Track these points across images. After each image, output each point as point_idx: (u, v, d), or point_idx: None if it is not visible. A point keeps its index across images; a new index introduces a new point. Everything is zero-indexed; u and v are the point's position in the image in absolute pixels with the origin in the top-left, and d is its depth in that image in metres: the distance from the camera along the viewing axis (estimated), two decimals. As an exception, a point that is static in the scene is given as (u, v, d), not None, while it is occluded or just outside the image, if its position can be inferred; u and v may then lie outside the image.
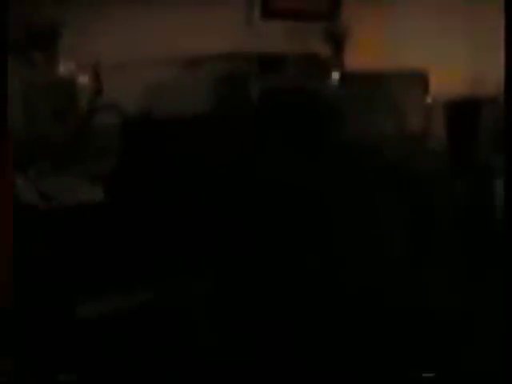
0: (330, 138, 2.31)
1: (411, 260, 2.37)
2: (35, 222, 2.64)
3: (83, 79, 3.84)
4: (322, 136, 2.32)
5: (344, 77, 4.32)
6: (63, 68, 3.83)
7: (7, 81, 2.33)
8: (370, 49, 4.58)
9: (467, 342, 2.39)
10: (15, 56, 3.74)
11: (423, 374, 2.17)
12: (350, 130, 2.66)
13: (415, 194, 2.45)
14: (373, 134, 3.46)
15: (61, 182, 3.01)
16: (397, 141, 3.75)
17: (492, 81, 4.53)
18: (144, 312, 2.41)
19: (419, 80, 4.42)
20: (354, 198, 2.21)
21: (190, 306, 2.42)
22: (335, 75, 4.38)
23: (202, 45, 3.98)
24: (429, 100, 4.30)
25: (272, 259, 2.22)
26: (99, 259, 2.56)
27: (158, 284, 2.47)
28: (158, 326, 2.38)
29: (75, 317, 2.37)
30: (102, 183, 2.91)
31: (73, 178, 3.06)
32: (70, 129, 3.54)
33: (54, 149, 3.38)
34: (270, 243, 2.22)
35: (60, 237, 2.60)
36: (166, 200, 2.65)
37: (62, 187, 2.91)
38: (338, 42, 4.64)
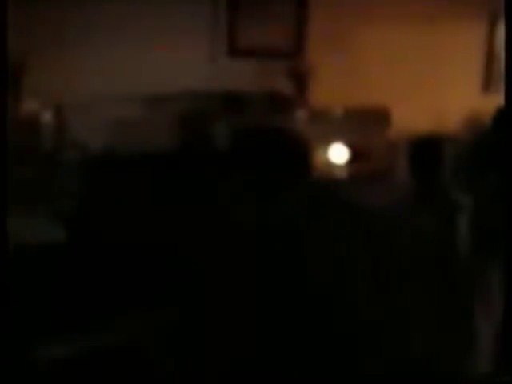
0: (298, 178, 2.31)
1: (375, 298, 2.37)
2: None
3: (46, 117, 3.82)
4: (289, 177, 2.33)
5: (309, 115, 4.35)
6: (27, 105, 3.81)
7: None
8: (334, 86, 4.63)
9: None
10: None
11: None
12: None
13: (378, 233, 2.46)
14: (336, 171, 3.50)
15: (22, 221, 2.97)
16: (360, 177, 3.79)
17: (454, 117, 4.61)
18: (106, 352, 2.38)
19: (382, 117, 4.47)
20: (319, 238, 2.22)
21: (152, 345, 2.40)
22: (299, 113, 4.41)
23: (166, 83, 3.99)
24: (391, 136, 4.35)
25: (236, 298, 2.21)
26: (60, 299, 2.53)
27: (119, 323, 2.44)
28: (121, 366, 2.36)
29: (35, 359, 2.33)
30: (64, 222, 2.88)
31: (35, 217, 3.03)
32: (33, 167, 3.51)
33: (16, 187, 3.34)
34: (235, 282, 2.22)
35: (20, 277, 2.57)
36: (127, 239, 2.63)
37: (24, 226, 2.88)
38: (301, 79, 4.68)
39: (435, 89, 4.90)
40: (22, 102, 3.83)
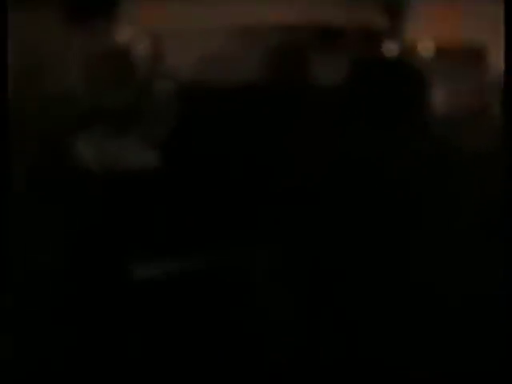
0: (398, 113, 2.28)
1: (461, 242, 2.36)
2: (93, 184, 2.71)
3: (142, 46, 3.89)
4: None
5: (401, 51, 4.28)
6: (123, 35, 3.88)
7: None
8: (430, 21, 4.52)
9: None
10: (73, 22, 3.80)
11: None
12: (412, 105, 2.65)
13: (469, 172, 2.45)
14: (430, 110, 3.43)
15: (119, 146, 3.07)
16: (454, 117, 3.71)
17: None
18: (202, 278, 2.44)
19: (477, 55, 4.36)
20: (416, 173, 2.20)
21: (248, 275, 2.43)
22: (392, 49, 4.35)
23: (258, 16, 3.98)
24: (487, 76, 4.24)
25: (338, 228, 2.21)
26: (155, 223, 2.61)
27: (215, 251, 2.50)
28: (214, 293, 2.41)
29: (131, 279, 2.42)
30: (158, 148, 2.95)
31: (131, 142, 3.12)
32: (129, 95, 3.60)
33: (113, 114, 3.44)
34: (335, 213, 2.21)
35: (117, 199, 2.65)
36: (222, 167, 2.68)
37: (121, 151, 2.97)
38: (394, 14, 4.59)
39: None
40: (117, 31, 3.91)
